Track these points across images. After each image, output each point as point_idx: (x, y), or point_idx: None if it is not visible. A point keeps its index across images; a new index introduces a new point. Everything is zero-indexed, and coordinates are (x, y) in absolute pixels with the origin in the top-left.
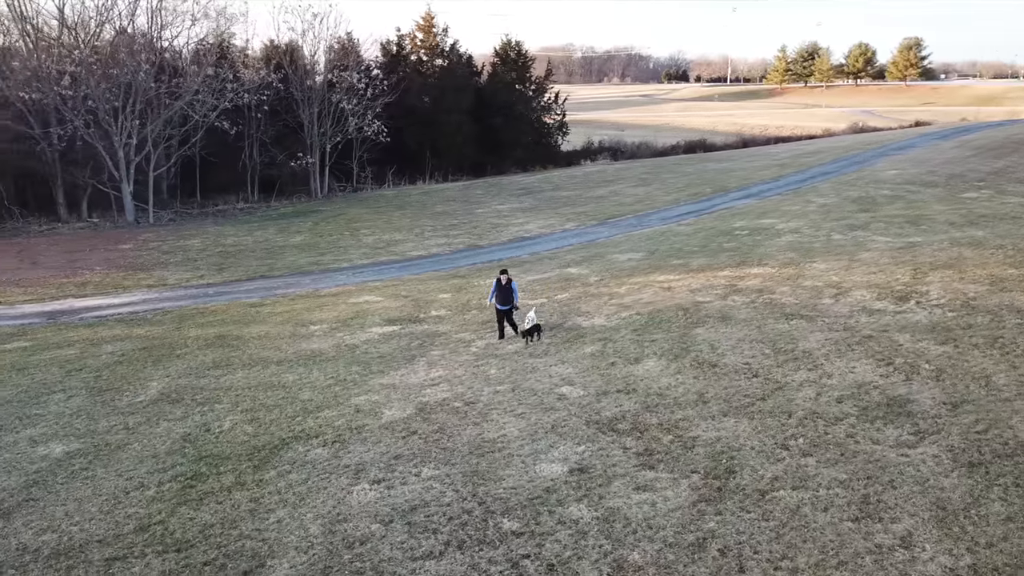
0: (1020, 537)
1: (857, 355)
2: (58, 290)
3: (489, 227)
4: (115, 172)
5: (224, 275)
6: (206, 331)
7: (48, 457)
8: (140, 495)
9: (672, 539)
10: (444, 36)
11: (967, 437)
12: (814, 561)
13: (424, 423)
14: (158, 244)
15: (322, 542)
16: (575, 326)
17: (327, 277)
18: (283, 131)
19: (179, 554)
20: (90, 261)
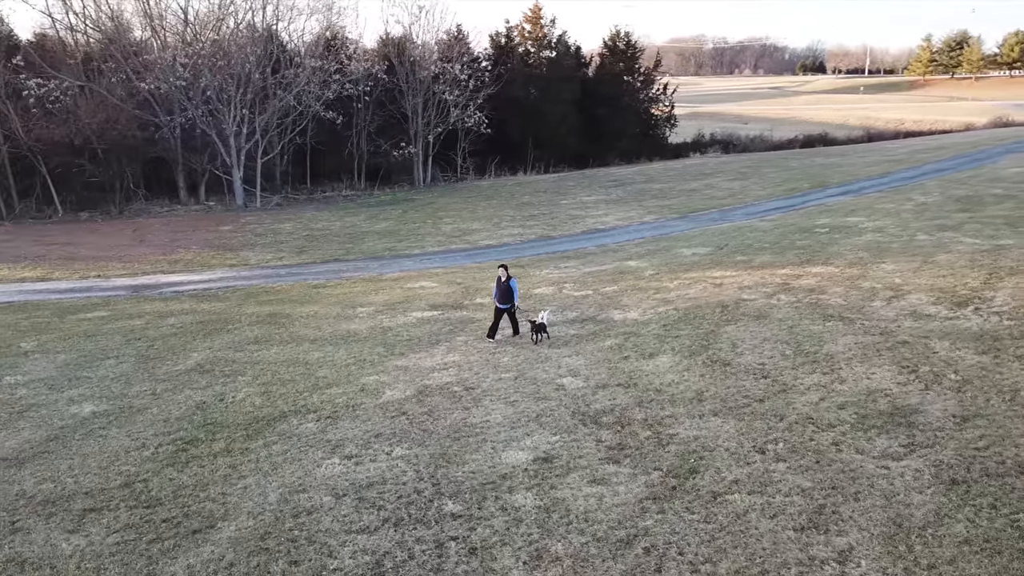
0: (969, 561)
1: (882, 361)
2: (152, 266)
3: (567, 218)
4: (227, 159)
5: (302, 257)
6: (262, 309)
7: (76, 416)
8: (138, 455)
9: (602, 534)
10: (551, 27)
11: (962, 453)
12: (736, 568)
13: (417, 405)
14: (254, 227)
15: (273, 509)
16: (607, 319)
17: (395, 262)
18: (388, 121)
19: (147, 510)
20: (189, 241)
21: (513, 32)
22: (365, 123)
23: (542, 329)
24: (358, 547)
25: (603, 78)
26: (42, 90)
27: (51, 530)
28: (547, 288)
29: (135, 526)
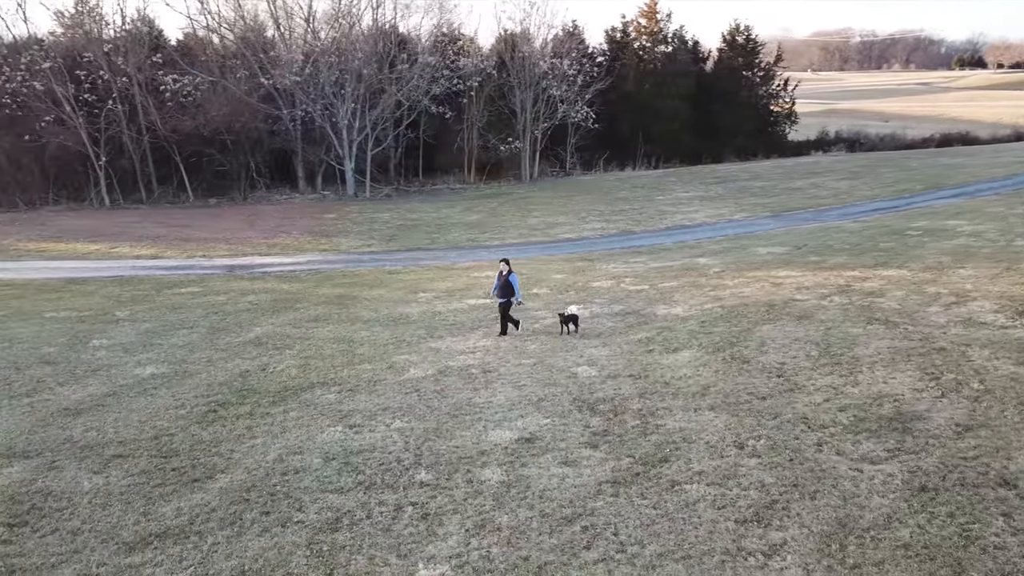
0: (898, 565)
1: (907, 367)
2: (252, 248)
3: (655, 214)
4: (339, 151)
5: (390, 245)
6: (333, 291)
7: (137, 376)
8: (174, 413)
9: (550, 511)
10: (667, 22)
11: (946, 462)
12: (662, 551)
13: (432, 383)
14: (355, 215)
15: (267, 467)
16: (650, 314)
17: (472, 253)
18: (499, 117)
19: (163, 459)
20: (292, 227)
21: (628, 27)
22: (475, 118)
23: (573, 321)
24: (325, 504)
25: (720, 73)
26: (177, 85)
27: (80, 470)
28: (606, 282)
29: (148, 472)
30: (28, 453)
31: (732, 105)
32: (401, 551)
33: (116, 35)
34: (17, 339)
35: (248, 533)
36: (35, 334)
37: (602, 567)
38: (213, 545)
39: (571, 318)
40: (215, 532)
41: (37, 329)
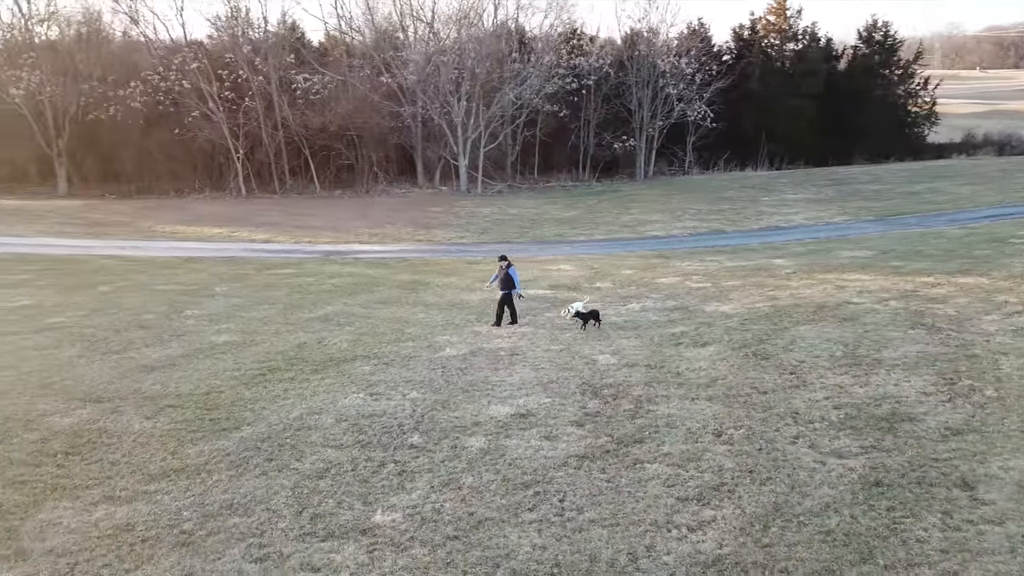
0: (809, 548)
1: (928, 371)
2: (355, 237)
3: (753, 214)
4: (454, 147)
5: (481, 237)
6: (411, 277)
7: (212, 343)
8: (230, 375)
9: (511, 476)
10: (797, 18)
11: (914, 461)
12: (596, 517)
13: (459, 362)
14: (459, 210)
15: (287, 423)
16: (698, 310)
17: (554, 247)
18: (616, 115)
19: (205, 411)
20: (398, 219)
21: (756, 24)
22: (591, 116)
23: (594, 317)
24: (321, 456)
25: (853, 71)
26: (307, 83)
27: (136, 415)
28: (672, 279)
29: (189, 420)
30: (101, 399)
31: (865, 105)
32: (368, 499)
33: (260, 38)
34: (126, 307)
35: (248, 475)
36: (142, 303)
37: (535, 526)
38: (216, 482)
39: (592, 314)
40: (222, 471)
41: (146, 299)
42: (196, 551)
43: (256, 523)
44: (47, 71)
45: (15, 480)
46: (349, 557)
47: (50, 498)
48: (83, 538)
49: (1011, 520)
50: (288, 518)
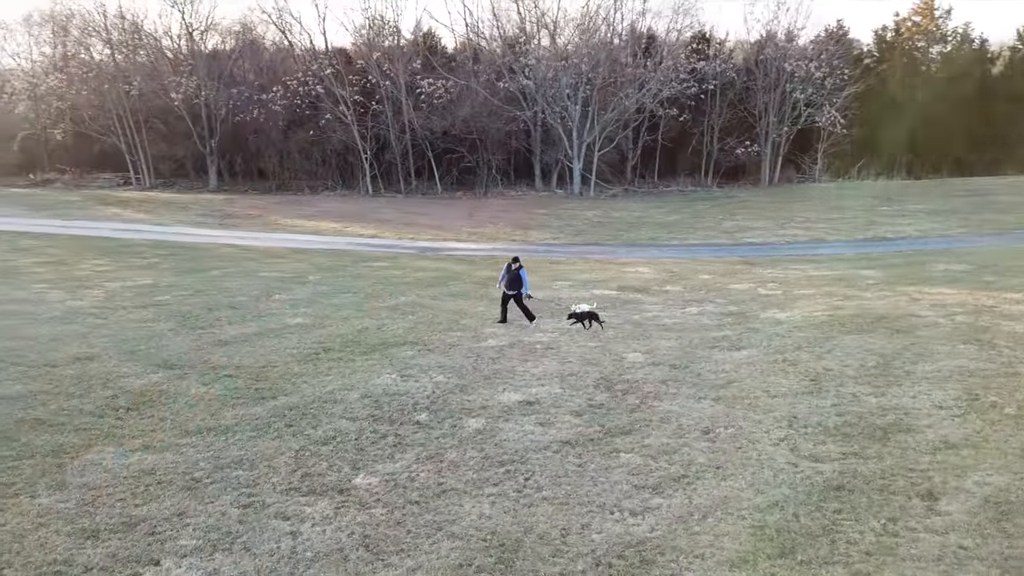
0: (735, 538)
1: (956, 386)
2: (454, 235)
3: (862, 224)
4: (569, 150)
5: (574, 239)
6: (488, 273)
7: (286, 324)
8: (289, 353)
9: (492, 455)
10: (946, 19)
11: (889, 470)
12: (548, 496)
13: (495, 352)
14: (563, 212)
15: (318, 396)
16: (753, 316)
17: (643, 250)
18: (741, 120)
19: (255, 382)
20: (502, 219)
21: (900, 26)
22: (714, 121)
23: (593, 318)
24: (334, 426)
25: (1012, 75)
26: (431, 88)
27: (196, 382)
28: (746, 285)
29: (238, 389)
30: (173, 366)
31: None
32: (357, 465)
33: (391, 45)
34: (226, 289)
35: (265, 437)
36: (241, 287)
37: (491, 499)
38: (236, 440)
39: (590, 315)
40: (244, 432)
41: (246, 283)
42: (196, 495)
43: (254, 477)
44: (203, 76)
45: (79, 427)
46: (318, 511)
47: (100, 443)
48: (112, 477)
49: (957, 532)
50: (283, 474)
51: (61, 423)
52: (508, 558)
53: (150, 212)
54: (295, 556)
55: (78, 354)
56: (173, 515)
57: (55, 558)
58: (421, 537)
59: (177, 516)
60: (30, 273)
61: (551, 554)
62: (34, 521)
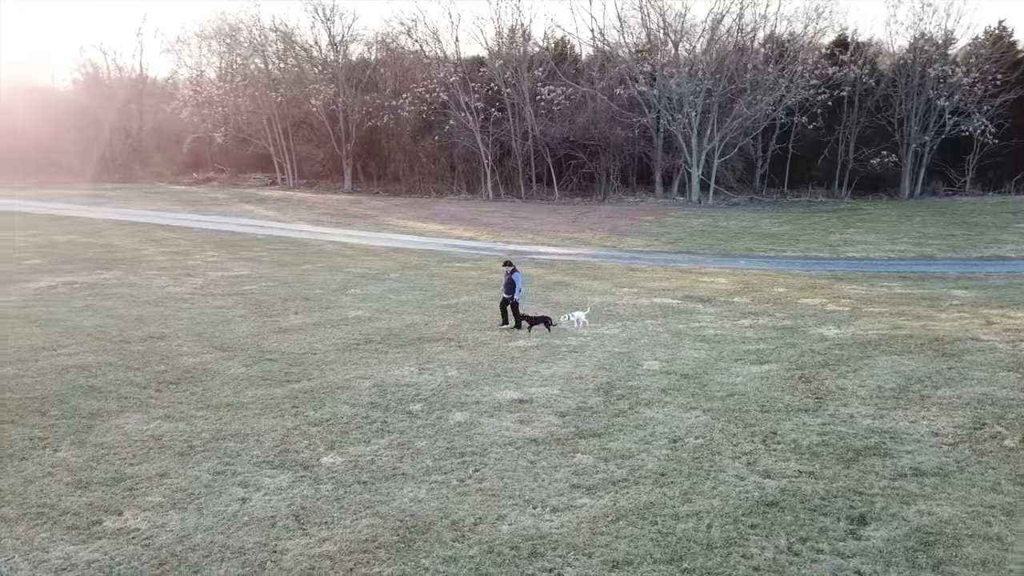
0: (633, 541)
1: (967, 413)
2: (547, 240)
3: (982, 243)
4: (688, 158)
5: (666, 247)
6: (561, 278)
7: (345, 316)
8: (333, 343)
9: (458, 447)
10: None
11: (833, 491)
12: (486, 487)
13: (520, 352)
14: (669, 219)
15: (336, 383)
16: (800, 332)
17: (732, 260)
18: (878, 129)
19: (289, 367)
20: (604, 225)
21: None
22: (850, 129)
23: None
24: (334, 410)
25: None
26: (551, 95)
27: (239, 363)
28: (818, 300)
29: (270, 372)
30: (227, 348)
31: None
32: (333, 445)
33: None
34: (309, 283)
35: (268, 415)
36: (323, 281)
37: (431, 486)
38: (243, 416)
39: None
40: (258, 408)
41: (329, 277)
42: (183, 460)
43: (239, 448)
44: (342, 84)
45: (122, 396)
46: (276, 483)
47: (131, 411)
48: (126, 440)
49: (863, 557)
50: (265, 449)
51: (109, 391)
52: (411, 538)
53: (279, 210)
54: (234, 519)
55: (152, 333)
56: (156, 475)
57: (45, 502)
58: (348, 513)
59: (159, 476)
60: (151, 261)
61: (453, 539)
62: (45, 470)
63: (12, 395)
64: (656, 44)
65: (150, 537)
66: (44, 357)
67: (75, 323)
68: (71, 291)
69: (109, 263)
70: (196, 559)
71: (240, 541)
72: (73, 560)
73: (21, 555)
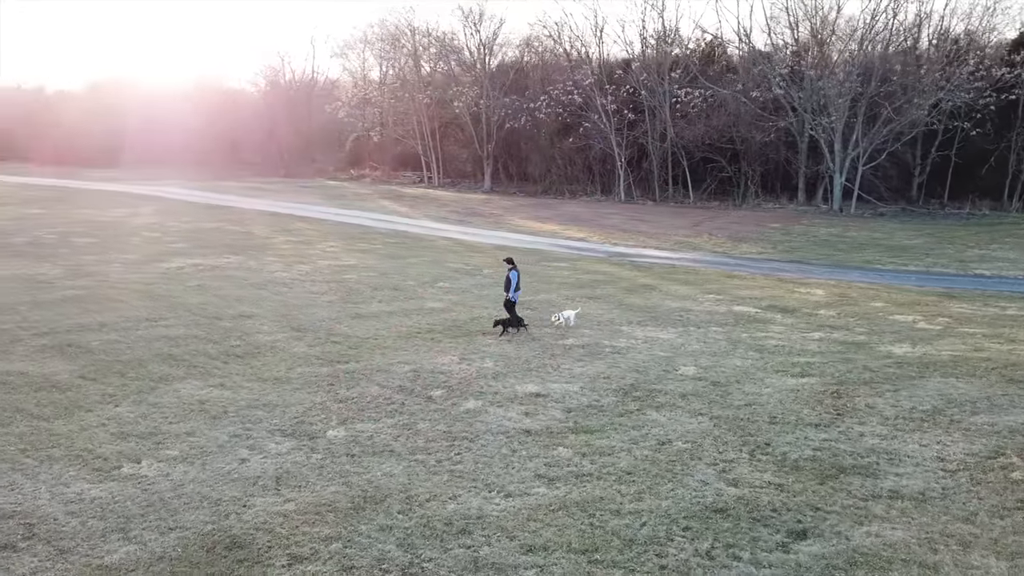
0: (559, 529)
1: (986, 442)
2: (657, 242)
3: None
4: (831, 164)
5: (779, 255)
6: (651, 281)
7: (423, 307)
8: (398, 330)
9: (454, 431)
10: None
11: (788, 504)
12: (451, 469)
13: (563, 350)
14: (798, 228)
15: (377, 366)
16: (864, 348)
17: (844, 272)
18: None
19: (346, 348)
20: (725, 231)
21: None
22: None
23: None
24: (362, 390)
25: None
26: (687, 97)
27: (304, 343)
28: (912, 317)
29: (328, 353)
30: (301, 329)
31: None
32: (347, 421)
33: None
34: (405, 274)
35: (304, 390)
36: (419, 273)
37: (411, 463)
38: (283, 389)
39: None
40: (299, 383)
41: (426, 271)
42: (213, 422)
43: (264, 417)
44: (486, 86)
45: (192, 364)
46: (278, 449)
47: (193, 378)
48: (177, 402)
49: (779, 568)
50: (286, 418)
51: (184, 360)
52: (363, 507)
53: (411, 207)
54: (226, 476)
55: (243, 312)
56: (184, 433)
57: (87, 447)
58: (322, 480)
59: (186, 434)
60: (275, 248)
61: (399, 511)
62: (100, 422)
63: (104, 358)
64: (804, 45)
65: (152, 483)
66: (144, 327)
67: (182, 300)
68: (194, 272)
69: (238, 249)
70: (177, 505)
71: (220, 494)
72: (83, 496)
73: (47, 487)
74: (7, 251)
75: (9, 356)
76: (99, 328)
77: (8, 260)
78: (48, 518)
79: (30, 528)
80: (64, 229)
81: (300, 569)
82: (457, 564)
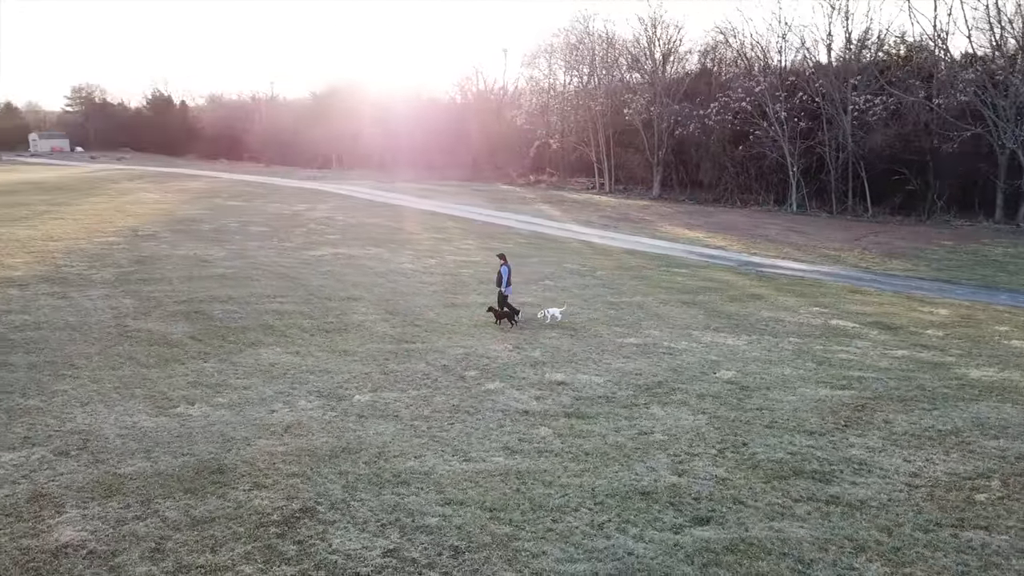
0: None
1: (994, 463)
2: (800, 254)
3: None
4: None
5: (928, 273)
6: (763, 291)
7: (513, 300)
8: (479, 318)
9: (462, 405)
10: None
11: (710, 499)
12: (431, 437)
13: (615, 347)
14: (971, 247)
15: (437, 347)
16: (945, 368)
17: (990, 294)
18: None
19: (423, 331)
20: (885, 246)
21: None
22: None
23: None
24: (410, 366)
25: None
26: (866, 104)
27: (389, 324)
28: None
29: (405, 334)
30: (393, 313)
31: None
32: (378, 388)
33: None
34: (517, 271)
35: (363, 362)
36: (531, 272)
37: (404, 427)
38: (343, 361)
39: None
40: (360, 356)
41: (539, 269)
42: (269, 381)
43: (312, 380)
44: (659, 94)
45: (285, 335)
46: (305, 405)
47: (279, 345)
48: (253, 363)
49: (656, 545)
50: (328, 384)
51: (279, 331)
52: (338, 456)
53: (565, 211)
54: (249, 421)
55: (353, 295)
56: (241, 387)
57: (163, 391)
58: (322, 432)
59: (242, 388)
60: (415, 243)
61: (365, 462)
62: (185, 372)
63: (218, 324)
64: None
65: (191, 420)
66: (262, 302)
67: (306, 282)
68: (332, 259)
69: (382, 242)
70: (199, 438)
71: (236, 433)
72: (139, 426)
73: (116, 416)
74: (192, 236)
75: (147, 317)
76: (226, 300)
77: (189, 243)
78: (102, 437)
79: (85, 442)
80: (247, 219)
81: (256, 494)
82: (380, 506)
